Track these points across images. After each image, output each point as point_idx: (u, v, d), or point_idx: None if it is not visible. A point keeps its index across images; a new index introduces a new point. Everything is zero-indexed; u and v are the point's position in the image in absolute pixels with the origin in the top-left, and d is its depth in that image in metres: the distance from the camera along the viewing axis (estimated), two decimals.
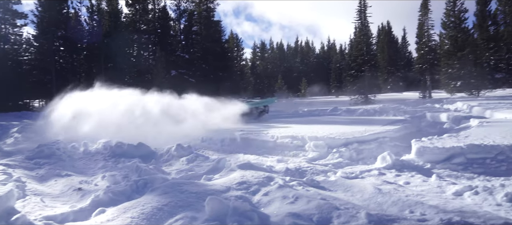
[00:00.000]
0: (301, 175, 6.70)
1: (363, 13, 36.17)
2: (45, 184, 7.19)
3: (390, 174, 6.87)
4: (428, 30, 36.07)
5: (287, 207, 4.73)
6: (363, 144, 9.36)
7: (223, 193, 5.16)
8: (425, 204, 4.79)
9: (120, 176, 6.89)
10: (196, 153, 8.70)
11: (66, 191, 6.55)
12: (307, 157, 8.57)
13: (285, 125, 13.76)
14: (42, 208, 5.40)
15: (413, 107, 22.63)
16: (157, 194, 5.05)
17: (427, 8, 35.78)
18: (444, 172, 6.71)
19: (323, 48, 78.61)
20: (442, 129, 12.16)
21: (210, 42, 39.23)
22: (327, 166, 7.56)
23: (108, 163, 8.92)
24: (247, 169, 6.19)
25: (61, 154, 10.04)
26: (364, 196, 5.30)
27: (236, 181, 5.60)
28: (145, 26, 39.18)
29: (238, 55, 55.55)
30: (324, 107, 25.73)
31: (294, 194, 5.08)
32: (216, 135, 11.58)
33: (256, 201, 5.02)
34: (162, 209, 4.58)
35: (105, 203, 5.33)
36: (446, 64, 33.11)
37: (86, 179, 7.32)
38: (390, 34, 62.42)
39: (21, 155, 9.96)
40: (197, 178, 6.54)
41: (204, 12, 40.89)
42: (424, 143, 7.91)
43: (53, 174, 7.89)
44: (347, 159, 8.41)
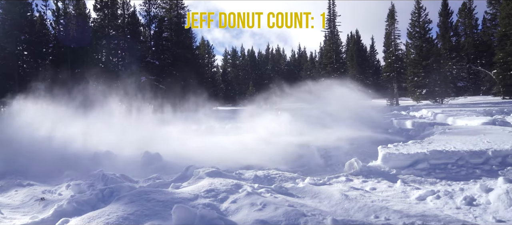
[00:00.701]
0: (270, 182, 6.74)
1: (333, 22, 36.98)
2: (5, 194, 6.92)
3: (357, 180, 7.01)
4: (395, 39, 37.23)
5: (255, 214, 4.74)
6: (331, 151, 9.51)
7: (191, 201, 5.12)
8: (390, 209, 4.93)
9: (86, 185, 6.70)
10: (164, 161, 8.59)
11: (27, 201, 6.31)
12: None
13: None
14: (0, 220, 5.17)
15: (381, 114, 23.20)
16: (123, 203, 4.94)
17: (394, 18, 36.96)
18: (408, 177, 6.91)
19: (294, 55, 79.55)
20: (407, 135, 12.54)
21: (180, 49, 38.89)
22: (295, 173, 7.62)
23: (74, 172, 8.66)
24: (215, 177, 6.16)
25: (23, 162, 9.68)
26: (331, 203, 5.39)
27: (204, 188, 5.57)
28: (114, 31, 38.37)
29: (209, 62, 55.39)
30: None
31: (262, 201, 5.11)
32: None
33: (224, 209, 5.01)
34: (128, 218, 4.49)
35: (68, 213, 5.17)
36: (412, 72, 34.25)
37: (50, 189, 7.09)
38: (359, 42, 63.90)
39: None
40: (165, 186, 6.45)
41: (175, 18, 40.56)
42: (390, 149, 8.13)
43: (13, 183, 7.61)
44: (315, 166, 8.52)
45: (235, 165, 8.67)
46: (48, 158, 10.08)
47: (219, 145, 11.34)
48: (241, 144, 11.40)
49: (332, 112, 17.14)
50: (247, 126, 16.39)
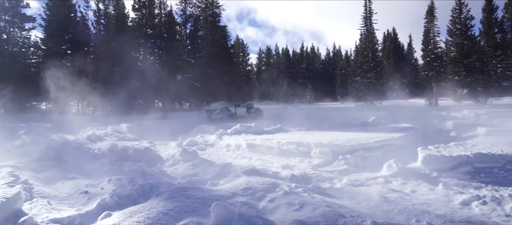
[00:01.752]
0: (307, 182, 6.68)
1: (369, 20, 36.17)
2: (52, 186, 7.24)
3: (396, 182, 6.82)
4: (434, 37, 35.93)
5: (293, 214, 4.71)
6: (368, 151, 9.32)
7: (229, 198, 5.15)
8: (432, 213, 4.76)
9: (126, 180, 6.90)
10: (201, 158, 8.71)
11: (72, 194, 6.59)
12: (312, 164, 8.54)
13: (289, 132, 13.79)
14: (49, 211, 5.43)
15: (419, 114, 22.51)
16: (163, 199, 5.05)
17: (433, 15, 35.67)
18: (451, 181, 6.65)
19: (329, 54, 78.46)
20: (448, 137, 12.09)
21: (215, 47, 39.29)
22: (332, 173, 7.53)
23: (114, 166, 8.96)
24: (252, 175, 6.18)
25: (67, 157, 10.11)
26: (370, 204, 5.28)
27: (241, 187, 5.59)
28: (151, 30, 39.30)
29: (243, 60, 55.59)
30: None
31: (300, 201, 5.07)
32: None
33: (261, 208, 5.01)
34: (168, 214, 4.58)
35: (111, 206, 5.34)
36: (453, 71, 32.96)
37: (93, 182, 7.36)
38: (396, 40, 62.20)
39: (28, 157, 10.01)
40: (203, 183, 6.54)
41: (210, 17, 41.01)
42: (430, 151, 7.86)
43: (60, 176, 7.95)
44: (352, 166, 8.37)
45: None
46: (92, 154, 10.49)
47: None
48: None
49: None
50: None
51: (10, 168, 7.76)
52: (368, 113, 24.05)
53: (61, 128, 17.76)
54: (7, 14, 31.14)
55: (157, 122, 21.25)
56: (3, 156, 10.23)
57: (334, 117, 22.71)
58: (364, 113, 24.34)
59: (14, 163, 8.93)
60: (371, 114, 22.24)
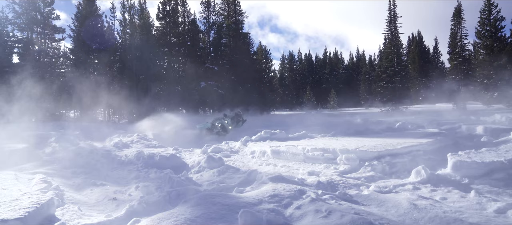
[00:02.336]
0: (333, 189, 6.60)
1: (393, 23, 35.67)
2: (82, 193, 7.42)
3: (425, 189, 6.66)
4: (461, 39, 35.11)
5: (320, 221, 4.67)
6: (396, 157, 9.14)
7: (255, 205, 5.14)
8: (465, 221, 4.62)
9: (153, 187, 7.00)
10: (226, 165, 8.75)
11: (101, 200, 6.73)
12: (338, 170, 8.45)
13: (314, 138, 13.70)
14: (80, 217, 5.56)
15: (447, 119, 21.96)
16: (190, 206, 5.09)
17: (460, 17, 34.87)
18: (483, 188, 6.43)
19: (352, 59, 77.72)
20: (479, 143, 11.73)
21: (238, 54, 39.58)
22: (359, 180, 7.41)
23: (141, 173, 9.10)
24: (278, 182, 6.16)
25: (96, 164, 10.35)
26: (399, 212, 5.17)
27: (268, 194, 5.58)
28: (175, 38, 40.00)
29: (266, 67, 55.69)
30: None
31: (327, 208, 5.01)
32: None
33: (288, 215, 4.98)
34: (195, 221, 4.61)
35: (139, 213, 5.43)
36: (482, 74, 32.04)
37: (120, 189, 7.50)
38: (421, 44, 61.03)
39: (59, 164, 10.31)
40: (229, 190, 6.56)
41: (233, 24, 41.40)
42: (461, 157, 7.64)
43: (89, 183, 8.14)
44: (379, 172, 8.22)
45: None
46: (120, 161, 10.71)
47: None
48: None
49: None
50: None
51: (42, 175, 8.01)
52: (393, 118, 23.65)
53: (88, 136, 18.24)
54: (39, 26, 32.37)
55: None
56: (36, 163, 10.57)
57: (359, 122, 22.41)
58: (389, 119, 23.95)
59: (46, 170, 9.22)
60: (397, 119, 21.87)
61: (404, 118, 22.22)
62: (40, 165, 10.13)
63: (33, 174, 8.38)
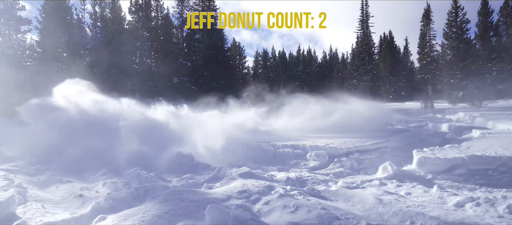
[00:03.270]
0: (302, 185, 6.69)
1: (365, 23, 36.37)
2: (46, 190, 7.21)
3: (391, 184, 6.85)
4: (430, 40, 36.14)
5: (288, 216, 4.72)
6: (364, 153, 9.36)
7: (224, 201, 5.15)
8: (426, 215, 4.78)
9: (121, 183, 6.89)
10: (197, 161, 8.70)
11: (67, 198, 6.56)
12: (308, 167, 8.56)
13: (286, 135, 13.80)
14: (43, 214, 5.40)
15: (415, 117, 22.60)
16: (158, 202, 5.04)
17: (429, 19, 35.88)
18: (445, 183, 6.68)
19: (325, 57, 78.75)
20: (444, 140, 12.15)
21: (212, 50, 39.34)
22: (328, 176, 7.55)
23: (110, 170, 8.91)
24: (248, 178, 6.19)
25: (62, 160, 10.06)
26: (365, 206, 5.29)
27: (237, 189, 5.60)
28: (148, 33, 39.34)
29: (240, 63, 55.63)
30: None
31: (295, 203, 5.08)
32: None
33: (256, 210, 5.01)
34: (163, 217, 4.57)
35: (105, 210, 5.33)
36: (448, 74, 33.15)
37: (87, 186, 7.34)
38: (392, 43, 62.41)
39: (23, 160, 9.96)
40: (198, 186, 6.53)
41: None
42: (425, 153, 7.89)
43: (54, 180, 7.92)
44: (348, 168, 8.40)
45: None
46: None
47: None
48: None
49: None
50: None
51: (3, 172, 7.74)
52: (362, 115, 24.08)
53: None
54: (2, 16, 31.04)
55: None
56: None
57: (329, 120, 22.70)
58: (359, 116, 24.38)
59: (8, 166, 8.89)
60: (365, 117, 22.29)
61: (374, 116, 22.69)
62: (1, 162, 9.76)
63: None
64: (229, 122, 15.22)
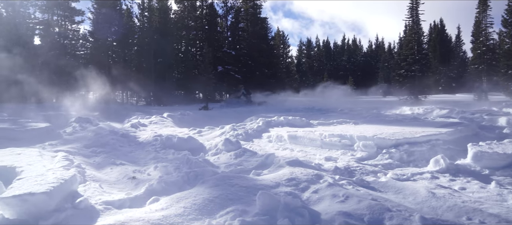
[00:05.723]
0: (350, 175, 6.59)
1: (415, 10, 34.79)
2: (102, 171, 7.58)
3: (444, 178, 6.58)
4: (486, 28, 34.10)
5: (337, 205, 4.68)
6: (414, 145, 9.02)
7: (273, 188, 5.18)
8: (485, 212, 4.56)
9: (172, 167, 7.10)
10: (243, 148, 8.80)
11: (121, 179, 6.87)
12: (355, 157, 8.41)
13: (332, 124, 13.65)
14: (101, 193, 5.70)
15: (468, 109, 21.52)
16: (208, 186, 5.17)
17: (487, 5, 33.80)
18: (504, 179, 6.32)
19: (371, 46, 76.57)
20: (501, 134, 11.46)
21: (256, 39, 39.36)
22: (376, 167, 7.37)
23: (159, 154, 9.23)
24: (296, 166, 6.18)
25: (115, 144, 10.53)
26: (416, 199, 5.13)
27: (285, 177, 5.61)
28: (193, 22, 40.03)
29: (284, 52, 55.34)
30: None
31: (344, 193, 5.02)
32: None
33: (305, 198, 5.01)
34: (214, 201, 4.68)
35: (158, 192, 5.54)
36: (506, 64, 31.16)
37: (139, 169, 7.63)
38: (443, 32, 59.55)
39: (79, 143, 10.52)
40: (246, 172, 6.61)
41: (251, 8, 41.09)
42: (482, 147, 7.51)
43: (108, 162, 8.30)
44: (397, 160, 8.15)
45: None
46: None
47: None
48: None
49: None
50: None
51: (64, 153, 8.21)
52: (412, 107, 23.31)
53: (107, 117, 18.56)
54: (59, 8, 32.75)
55: (199, 112, 21.70)
56: (57, 141, 10.83)
57: (377, 110, 22.16)
58: (408, 107, 23.61)
59: (67, 148, 9.44)
60: (415, 108, 21.56)
61: (423, 107, 21.86)
62: (61, 144, 10.37)
63: (55, 152, 8.59)
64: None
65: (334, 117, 17.07)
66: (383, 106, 26.92)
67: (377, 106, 26.89)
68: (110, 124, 14.98)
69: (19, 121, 13.19)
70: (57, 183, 4.87)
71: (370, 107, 24.64)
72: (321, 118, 16.30)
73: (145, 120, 16.27)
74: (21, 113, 17.65)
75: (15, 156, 7.15)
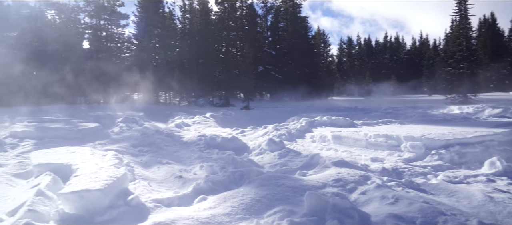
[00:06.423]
0: (399, 176, 6.39)
1: (463, 4, 33.17)
2: (149, 170, 7.80)
3: (501, 181, 6.20)
4: None
5: (387, 207, 4.54)
6: (466, 146, 8.60)
7: (319, 189, 5.11)
8: None
9: (217, 167, 7.20)
10: (287, 148, 8.77)
11: (168, 178, 7.04)
12: (402, 158, 8.14)
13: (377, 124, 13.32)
14: (150, 191, 5.88)
15: None
16: (255, 186, 5.18)
17: None
18: None
19: (415, 43, 73.84)
20: None
21: (296, 38, 39.18)
22: (426, 168, 7.10)
23: (203, 153, 9.38)
24: (342, 167, 6.07)
25: (160, 143, 10.82)
26: (472, 203, 4.89)
27: (331, 177, 5.52)
28: (233, 23, 40.45)
29: (324, 52, 54.62)
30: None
31: (394, 194, 4.87)
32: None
33: (353, 199, 4.91)
34: (261, 201, 4.69)
35: (205, 191, 5.63)
36: None
37: (185, 168, 7.79)
38: (495, 27, 56.44)
39: (127, 142, 10.89)
40: (291, 172, 6.57)
41: (291, 8, 40.97)
42: None
43: (155, 161, 8.54)
44: (447, 162, 7.80)
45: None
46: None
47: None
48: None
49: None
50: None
51: (114, 152, 8.53)
52: (461, 106, 22.30)
53: (152, 117, 19.10)
54: (106, 13, 34.19)
55: (241, 112, 21.88)
56: (106, 140, 11.28)
57: (423, 109, 21.39)
58: (456, 106, 22.62)
59: (115, 147, 9.80)
60: (464, 107, 20.62)
61: (474, 106, 20.86)
62: (110, 143, 10.79)
63: (105, 151, 8.95)
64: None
65: (378, 117, 16.66)
66: (429, 105, 25.96)
67: (422, 105, 25.96)
68: (155, 124, 15.40)
69: (71, 121, 13.89)
70: (110, 180, 5.08)
71: (415, 106, 23.82)
72: (365, 118, 15.95)
73: (189, 120, 16.61)
74: (72, 113, 18.61)
75: (70, 154, 7.51)
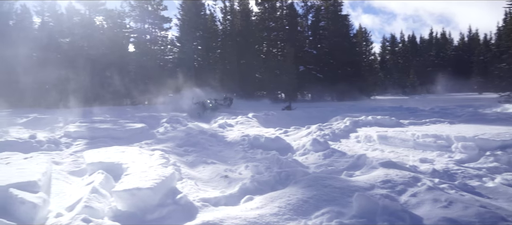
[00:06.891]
0: (451, 178, 6.12)
1: None
2: (195, 169, 7.96)
3: None
4: None
5: (440, 211, 4.37)
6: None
7: (367, 190, 5.00)
8: None
9: (263, 167, 7.23)
10: (332, 149, 8.65)
11: (214, 177, 7.16)
12: (454, 159, 7.79)
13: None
14: (197, 191, 6.00)
15: None
16: (301, 187, 5.15)
17: None
18: None
19: (463, 39, 70.36)
20: None
21: (337, 37, 38.54)
22: (480, 171, 6.74)
23: (247, 153, 9.45)
24: (390, 168, 5.90)
25: (204, 143, 11.01)
26: None
27: (380, 179, 5.38)
28: (273, 23, 40.47)
29: (366, 50, 53.31)
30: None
31: (447, 197, 4.67)
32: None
33: (403, 202, 4.75)
34: (308, 202, 4.66)
35: (251, 191, 5.66)
36: None
37: (230, 168, 7.88)
38: None
39: (172, 142, 11.18)
40: (337, 173, 6.48)
41: (332, 6, 40.36)
42: None
43: (200, 161, 8.70)
44: (505, 164, 7.36)
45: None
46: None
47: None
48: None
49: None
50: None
51: (160, 151, 8.78)
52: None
53: (195, 117, 19.48)
54: (150, 17, 35.38)
55: (282, 113, 21.84)
56: (152, 140, 11.64)
57: (474, 108, 20.35)
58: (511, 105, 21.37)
59: (161, 147, 10.09)
60: None
61: None
62: (156, 143, 11.12)
63: (152, 151, 9.22)
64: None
65: (426, 116, 16.03)
66: (480, 103, 24.67)
67: (472, 104, 24.73)
68: (198, 124, 15.69)
69: (119, 122, 14.46)
70: (159, 179, 5.24)
71: (465, 105, 22.73)
72: (411, 118, 15.41)
73: (231, 121, 16.79)
74: (119, 114, 19.36)
75: (120, 153, 7.81)
